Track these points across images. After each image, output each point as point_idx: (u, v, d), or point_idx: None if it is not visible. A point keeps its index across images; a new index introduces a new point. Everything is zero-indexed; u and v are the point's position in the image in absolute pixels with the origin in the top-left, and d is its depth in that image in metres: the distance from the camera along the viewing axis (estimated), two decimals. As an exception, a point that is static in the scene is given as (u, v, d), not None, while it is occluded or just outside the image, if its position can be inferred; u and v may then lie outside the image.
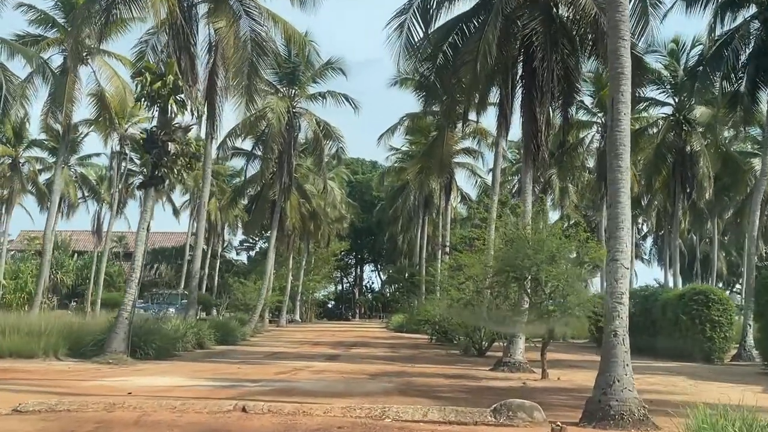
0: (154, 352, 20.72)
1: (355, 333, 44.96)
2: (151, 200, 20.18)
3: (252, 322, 36.71)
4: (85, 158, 61.73)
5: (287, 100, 38.26)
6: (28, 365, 17.96)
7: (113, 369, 17.57)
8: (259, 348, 28.14)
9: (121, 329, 19.38)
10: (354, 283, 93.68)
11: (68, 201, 61.40)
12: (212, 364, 19.92)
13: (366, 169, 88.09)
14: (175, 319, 26.20)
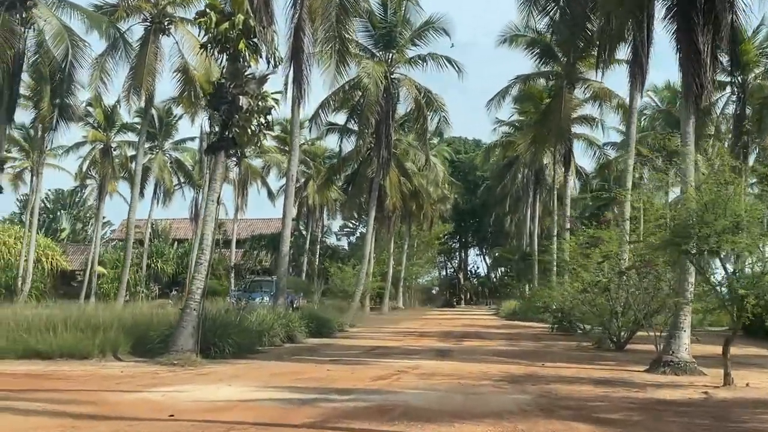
0: (232, 350, 17.33)
1: (462, 321, 41.02)
2: (221, 167, 16.73)
3: (351, 311, 33.28)
4: (180, 143, 59.93)
5: (384, 65, 34.53)
6: (75, 368, 14.84)
7: (174, 373, 14.22)
8: (358, 341, 24.58)
9: (189, 323, 16.06)
10: (458, 268, 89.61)
11: (163, 187, 59.78)
12: (297, 364, 16.38)
13: (469, 148, 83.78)
14: (263, 309, 22.87)
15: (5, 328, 16.84)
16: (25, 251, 47.20)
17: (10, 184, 59.52)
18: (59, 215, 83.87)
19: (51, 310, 19.43)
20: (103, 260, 59.92)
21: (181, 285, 60.75)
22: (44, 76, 26.95)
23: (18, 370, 14.38)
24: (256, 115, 16.59)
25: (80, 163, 55.39)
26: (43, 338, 16.37)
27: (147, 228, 60.98)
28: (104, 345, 16.50)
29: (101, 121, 51.99)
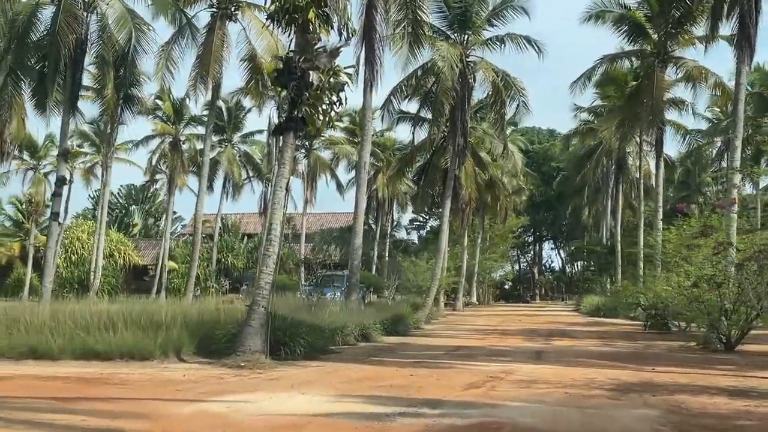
0: (303, 350, 15.81)
1: (543, 318, 38.90)
2: (290, 150, 15.21)
3: (426, 307, 31.59)
4: (248, 135, 59.13)
5: (459, 47, 32.63)
6: (134, 370, 13.53)
7: (240, 378, 12.76)
8: (437, 340, 22.88)
9: (257, 321, 14.61)
10: (533, 262, 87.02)
11: (232, 181, 59.09)
12: (375, 367, 14.74)
13: (543, 138, 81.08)
14: (335, 306, 21.35)
15: (63, 326, 15.70)
16: (96, 246, 46.91)
17: (82, 179, 59.70)
18: (131, 210, 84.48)
19: (113, 306, 18.26)
20: (174, 255, 59.65)
21: (251, 280, 60.00)
22: (107, 61, 25.94)
23: (72, 372, 13.13)
24: (327, 92, 15.02)
25: (149, 157, 55.04)
26: (102, 337, 15.18)
27: (217, 222, 60.51)
28: (167, 345, 15.21)
29: (170, 114, 51.50)
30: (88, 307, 17.21)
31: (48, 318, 16.00)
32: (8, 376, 12.59)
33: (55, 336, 15.21)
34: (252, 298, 15.01)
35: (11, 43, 24.50)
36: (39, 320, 15.95)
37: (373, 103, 25.83)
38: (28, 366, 14.16)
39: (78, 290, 50.07)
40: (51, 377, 12.47)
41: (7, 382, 11.89)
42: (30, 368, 13.78)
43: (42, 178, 55.84)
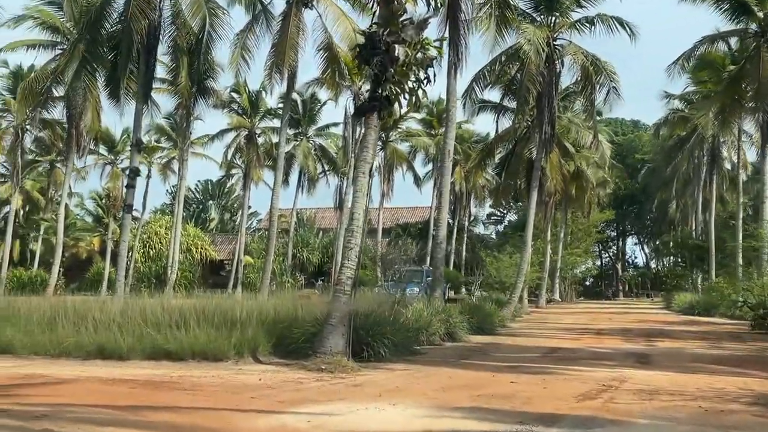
0: (387, 351, 14.48)
1: (634, 316, 36.71)
2: (373, 133, 13.87)
3: (511, 304, 29.96)
4: (324, 128, 58.24)
5: (546, 30, 30.83)
6: (206, 372, 12.43)
7: (321, 383, 11.50)
8: (528, 340, 21.27)
9: (338, 319, 13.35)
10: (616, 258, 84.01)
11: (308, 175, 58.32)
12: (469, 372, 13.30)
13: (627, 129, 78.07)
14: (418, 303, 19.96)
15: (133, 323, 14.75)
16: (173, 240, 46.70)
17: (160, 174, 59.90)
18: (208, 205, 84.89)
19: (185, 302, 17.30)
20: (249, 250, 59.34)
21: (326, 275, 59.39)
22: (181, 48, 25.13)
23: (140, 375, 12.09)
24: (414, 68, 13.62)
25: (225, 151, 54.68)
26: (173, 336, 14.15)
27: (292, 217, 59.89)
28: (241, 344, 14.07)
29: (246, 107, 50.98)
30: (160, 304, 16.21)
31: (118, 315, 15.07)
32: (72, 378, 11.63)
33: (124, 334, 14.26)
34: (332, 295, 13.73)
35: (84, 31, 23.88)
36: (108, 317, 15.04)
37: (457, 88, 24.31)
38: (95, 366, 13.22)
39: (155, 285, 50.06)
40: (117, 380, 11.44)
41: (71, 386, 10.90)
42: (96, 369, 12.83)
43: (119, 172, 56.01)
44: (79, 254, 67.63)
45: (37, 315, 15.25)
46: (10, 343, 14.42)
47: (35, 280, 50.39)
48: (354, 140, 44.12)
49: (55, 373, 12.09)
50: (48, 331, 14.72)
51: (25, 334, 14.61)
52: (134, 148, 24.15)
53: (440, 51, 14.56)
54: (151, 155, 58.10)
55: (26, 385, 10.88)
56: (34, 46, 34.57)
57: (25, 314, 15.37)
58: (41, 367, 12.99)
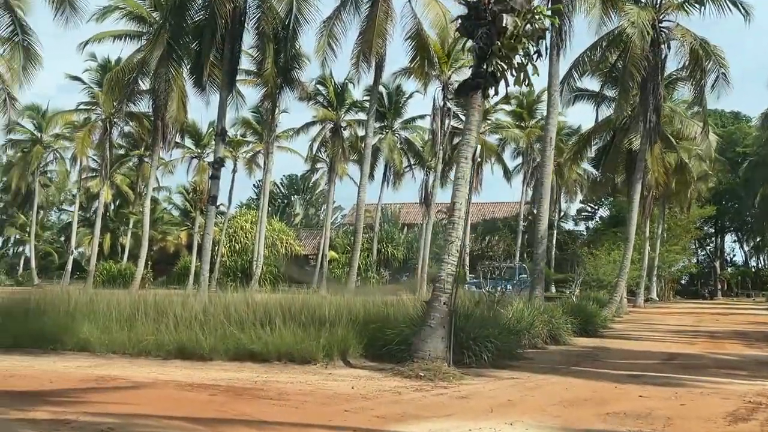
0: (490, 356, 13.09)
1: (742, 317, 34.20)
2: (477, 113, 12.44)
3: (612, 304, 28.04)
4: (410, 121, 56.92)
5: (651, 11, 28.73)
6: (293, 377, 11.28)
7: (421, 393, 10.19)
8: (637, 344, 19.46)
9: (437, 320, 12.01)
10: (714, 256, 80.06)
11: (393, 169, 57.16)
12: (585, 381, 11.76)
13: (727, 122, 74.15)
14: (517, 302, 18.44)
15: (215, 321, 13.74)
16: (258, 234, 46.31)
17: (245, 168, 59.78)
18: (293, 200, 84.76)
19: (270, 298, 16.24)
20: (334, 245, 58.73)
21: (411, 270, 58.27)
22: (266, 35, 24.20)
23: (222, 379, 11.02)
24: (523, 41, 12.13)
25: (310, 144, 54.00)
26: (257, 335, 13.07)
27: (377, 212, 58.87)
28: (331, 345, 12.88)
29: (331, 99, 50.12)
30: (244, 300, 15.19)
31: (200, 311, 14.08)
32: (149, 382, 10.62)
33: (206, 333, 13.25)
34: (431, 294, 12.38)
35: (168, 18, 23.19)
36: (190, 314, 14.06)
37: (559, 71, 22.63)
38: (175, 367, 12.24)
39: (241, 279, 49.86)
40: (196, 385, 10.37)
41: (145, 392, 9.87)
42: (176, 371, 11.83)
43: (206, 166, 55.88)
44: (167, 248, 68.43)
45: (116, 311, 14.37)
46: (87, 340, 13.60)
47: (124, 273, 50.82)
48: (442, 132, 42.70)
49: (130, 376, 11.14)
50: (127, 328, 13.86)
51: (103, 330, 13.77)
52: (218, 137, 23.33)
53: (555, 21, 13.05)
54: (237, 149, 58.02)
55: (98, 389, 9.90)
56: (121, 36, 34.37)
57: (103, 310, 14.52)
58: (118, 367, 12.08)
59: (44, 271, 68.81)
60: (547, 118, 22.22)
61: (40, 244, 70.57)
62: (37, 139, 57.93)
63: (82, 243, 67.07)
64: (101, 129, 44.78)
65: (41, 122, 56.33)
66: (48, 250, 72.65)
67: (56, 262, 69.84)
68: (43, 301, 15.94)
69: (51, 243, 75.44)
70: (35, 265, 60.49)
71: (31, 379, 10.66)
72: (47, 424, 7.45)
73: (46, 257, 72.86)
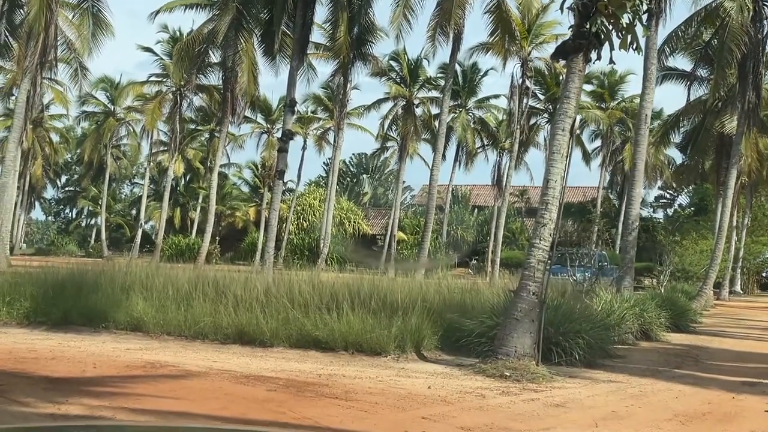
0: (581, 353, 11.65)
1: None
2: (577, 79, 10.91)
3: (702, 296, 26.12)
4: (484, 100, 55.12)
5: (753, -19, 26.51)
6: (362, 371, 10.06)
7: (509, 397, 8.84)
8: (735, 342, 17.68)
9: (524, 312, 10.61)
10: (800, 248, 76.16)
11: (466, 149, 55.56)
12: (695, 389, 10.22)
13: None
14: (605, 293, 16.86)
15: (277, 304, 12.60)
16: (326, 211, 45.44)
17: (315, 146, 58.87)
18: (362, 179, 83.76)
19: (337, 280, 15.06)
20: (402, 225, 57.48)
21: (480, 254, 56.75)
22: (340, 2, 22.93)
23: (282, 369, 9.86)
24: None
25: (381, 121, 52.67)
26: (323, 321, 11.87)
27: (448, 193, 57.38)
28: (403, 336, 11.61)
29: (405, 75, 48.64)
30: (309, 281, 14.00)
31: (261, 292, 12.95)
32: (201, 371, 9.51)
33: (267, 316, 12.11)
34: (519, 283, 10.97)
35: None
36: (251, 295, 12.95)
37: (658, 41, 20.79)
38: (232, 354, 11.16)
39: (308, 257, 49.18)
40: (253, 377, 9.22)
41: (195, 383, 8.76)
42: (233, 358, 10.73)
43: (276, 141, 55.24)
44: (235, 223, 68.22)
45: (173, 288, 13.36)
46: (141, 319, 12.62)
47: (192, 247, 50.57)
48: (520, 112, 40.87)
49: (182, 363, 10.06)
50: (184, 307, 12.81)
51: (158, 309, 12.76)
52: (288, 108, 22.20)
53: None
54: (307, 126, 57.13)
55: (144, 377, 8.84)
56: (192, 5, 33.50)
57: (160, 287, 13.53)
58: (170, 352, 11.04)
59: (115, 243, 69.50)
60: (643, 94, 20.42)
61: (111, 216, 71.24)
62: (110, 111, 58.01)
63: (152, 216, 67.34)
64: (171, 102, 44.26)
65: (114, 94, 56.35)
66: (119, 223, 73.32)
67: (127, 234, 70.39)
68: (100, 274, 15.03)
69: (123, 216, 76.13)
70: (105, 237, 60.85)
71: (73, 362, 9.68)
72: (78, 421, 6.36)
73: (117, 230, 73.59)
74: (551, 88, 47.19)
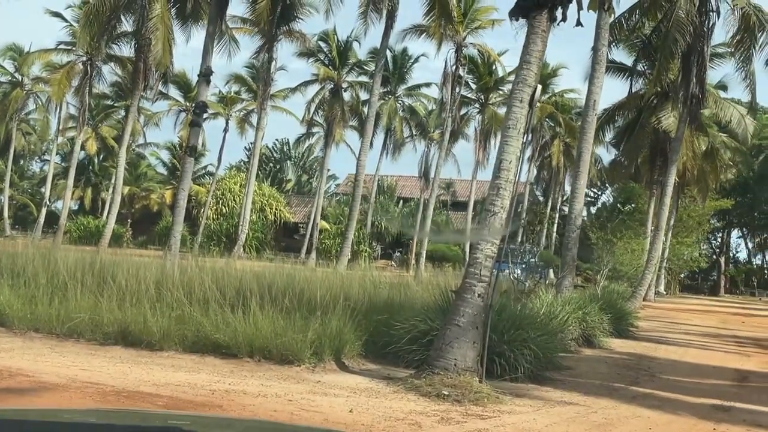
0: (528, 366, 9.97)
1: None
2: (539, 41, 9.06)
3: (636, 298, 25.04)
4: (415, 88, 53.47)
5: (700, -30, 25.43)
6: (268, 385, 8.12)
7: (449, 425, 7.04)
8: (680, 351, 16.31)
9: (468, 318, 8.83)
10: (720, 251, 77.08)
11: (394, 138, 53.89)
12: (665, 415, 8.58)
13: (742, 112, 70.96)
14: (546, 294, 15.28)
15: (170, 299, 10.53)
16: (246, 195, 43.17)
17: (237, 128, 56.36)
18: (285, 166, 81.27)
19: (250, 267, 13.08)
20: (326, 214, 55.56)
21: (404, 246, 55.39)
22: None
23: (167, 382, 7.85)
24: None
25: (307, 105, 50.45)
26: (225, 321, 9.86)
27: (373, 183, 55.61)
28: (321, 340, 9.69)
29: (334, 57, 46.49)
30: (213, 271, 11.97)
31: (152, 284, 10.84)
32: (62, 383, 7.44)
33: (158, 313, 10.04)
34: (462, 283, 9.17)
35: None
36: (140, 286, 10.84)
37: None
38: (110, 358, 9.09)
39: (226, 244, 46.84)
40: (125, 393, 7.17)
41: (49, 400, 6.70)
42: (109, 365, 8.66)
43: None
44: (150, 206, 65.36)
45: (45, 275, 11.12)
46: (3, 311, 10.37)
47: (103, 229, 47.51)
48: (452, 100, 39.28)
49: (40, 370, 7.95)
50: (58, 299, 10.62)
51: (25, 301, 10.54)
52: (202, 78, 19.87)
53: None
54: (230, 107, 54.56)
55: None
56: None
57: (31, 272, 11.27)
58: (31, 354, 8.90)
59: (21, 222, 65.72)
60: (592, 78, 18.89)
61: (18, 194, 67.20)
62: (17, 81, 54.18)
63: (61, 196, 63.59)
64: (82, 73, 41.07)
65: (22, 63, 52.56)
66: (25, 201, 69.20)
67: (34, 214, 66.46)
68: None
69: (31, 194, 71.95)
70: (9, 216, 57.04)
71: None
72: None
73: (23, 209, 69.57)
74: (484, 77, 45.88)
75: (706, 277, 77.73)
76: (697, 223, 52.06)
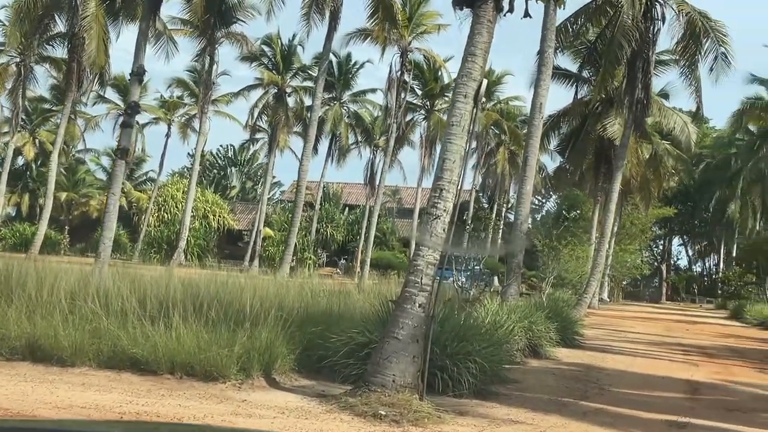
0: (473, 381, 9.34)
1: (711, 328, 31.12)
2: (485, 32, 8.26)
3: (582, 306, 24.71)
4: (360, 94, 52.86)
5: (644, -24, 25.33)
6: (186, 405, 7.33)
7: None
8: (627, 360, 15.90)
9: (408, 331, 8.17)
10: (661, 259, 78.06)
11: (339, 144, 53.21)
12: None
13: (684, 122, 72.10)
14: (491, 302, 14.70)
15: (87, 311, 9.65)
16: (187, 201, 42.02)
17: (179, 133, 55.13)
18: (230, 172, 79.98)
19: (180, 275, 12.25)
20: (270, 221, 54.73)
21: (349, 254, 54.84)
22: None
23: (72, 406, 7.01)
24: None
25: (251, 109, 49.49)
26: (144, 334, 9.03)
27: (318, 190, 54.86)
28: (250, 355, 8.92)
29: (277, 62, 45.66)
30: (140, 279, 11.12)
31: (64, 295, 9.93)
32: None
33: (71, 325, 9.17)
34: (402, 293, 8.51)
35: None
36: (54, 297, 9.94)
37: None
38: (12, 376, 8.24)
39: (167, 251, 45.75)
40: (21, 418, 6.32)
41: None
42: (8, 384, 7.79)
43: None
44: (89, 213, 63.62)
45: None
46: None
47: (37, 236, 45.90)
48: (398, 105, 38.77)
49: None
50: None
51: None
52: (134, 77, 18.92)
53: None
54: (172, 112, 53.30)
55: None
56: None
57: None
58: None
59: (-46, 230, 63.28)
60: (538, 80, 18.48)
61: (-52, 200, 64.61)
62: (-52, 82, 52.10)
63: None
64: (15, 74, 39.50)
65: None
66: (-43, 208, 66.61)
67: (-34, 221, 64.10)
68: None
69: (-37, 200, 69.33)
70: (-62, 223, 54.81)
71: None
72: None
73: (-45, 216, 67.01)
74: (429, 83, 45.55)
75: (648, 284, 78.66)
76: (640, 230, 52.56)
